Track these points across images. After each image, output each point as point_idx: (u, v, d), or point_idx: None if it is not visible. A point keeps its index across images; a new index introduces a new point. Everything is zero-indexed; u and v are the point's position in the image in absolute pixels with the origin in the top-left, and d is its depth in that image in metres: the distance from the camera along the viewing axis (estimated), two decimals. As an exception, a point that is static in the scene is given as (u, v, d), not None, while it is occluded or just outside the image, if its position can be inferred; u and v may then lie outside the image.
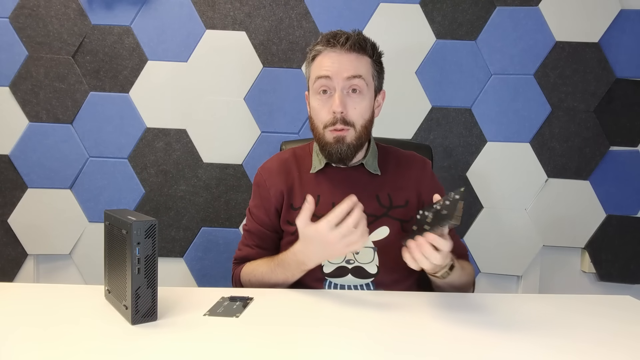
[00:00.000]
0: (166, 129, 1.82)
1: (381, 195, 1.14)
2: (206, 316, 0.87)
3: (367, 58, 1.11)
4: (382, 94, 1.19)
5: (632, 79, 1.79)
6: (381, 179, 1.16)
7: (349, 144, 1.10)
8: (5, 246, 1.83)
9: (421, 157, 1.23)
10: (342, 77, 1.08)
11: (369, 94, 1.12)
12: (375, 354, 0.73)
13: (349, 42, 1.08)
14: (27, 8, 1.76)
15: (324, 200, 1.14)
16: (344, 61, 1.08)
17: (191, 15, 1.79)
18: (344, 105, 1.08)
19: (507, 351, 0.75)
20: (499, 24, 1.79)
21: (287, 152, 1.26)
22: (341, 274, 1.11)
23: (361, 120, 1.10)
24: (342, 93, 1.08)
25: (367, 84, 1.10)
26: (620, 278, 1.85)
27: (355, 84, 1.08)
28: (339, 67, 1.08)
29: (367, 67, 1.11)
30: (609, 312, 0.94)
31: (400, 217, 1.13)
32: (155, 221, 0.82)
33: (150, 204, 1.83)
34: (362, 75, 1.09)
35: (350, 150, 1.10)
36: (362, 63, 1.10)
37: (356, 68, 1.08)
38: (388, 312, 0.90)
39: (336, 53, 1.09)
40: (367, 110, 1.11)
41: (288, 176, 1.19)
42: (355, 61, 1.09)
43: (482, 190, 1.84)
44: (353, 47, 1.09)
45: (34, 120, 1.80)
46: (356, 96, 1.09)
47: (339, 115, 1.08)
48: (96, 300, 0.94)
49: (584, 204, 1.83)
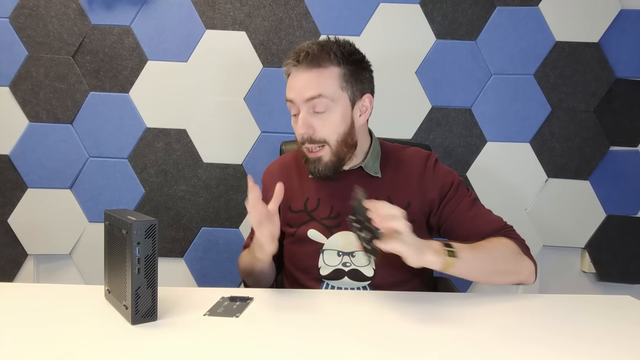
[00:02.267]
0: (166, 129, 1.82)
1: (380, 198, 1.10)
2: (206, 316, 0.87)
3: (333, 68, 1.06)
4: (366, 98, 1.12)
5: (632, 79, 1.79)
6: (381, 182, 1.14)
7: (326, 163, 1.09)
8: (5, 246, 1.83)
9: (426, 153, 1.19)
10: (302, 99, 1.05)
11: (339, 107, 1.07)
12: (376, 353, 0.73)
13: (308, 58, 1.05)
14: (27, 8, 1.76)
15: (323, 204, 1.14)
16: (303, 81, 1.05)
17: (191, 15, 1.79)
18: (307, 127, 1.06)
19: (507, 351, 0.75)
20: (499, 24, 1.79)
21: (289, 155, 1.27)
22: (338, 276, 1.11)
23: (334, 135, 1.07)
24: (306, 114, 1.06)
25: (333, 99, 1.06)
26: (620, 278, 1.85)
27: (315, 103, 1.05)
28: (298, 88, 1.06)
29: (331, 80, 1.06)
30: (609, 312, 0.94)
31: None
32: (155, 221, 0.82)
33: (150, 204, 1.83)
34: (322, 94, 1.04)
35: (328, 169, 1.09)
36: (325, 78, 1.05)
37: (315, 87, 1.04)
38: (387, 312, 0.90)
39: (299, 72, 1.06)
40: (339, 124, 1.07)
41: (288, 180, 1.19)
42: (315, 79, 1.05)
43: (482, 190, 1.84)
44: (312, 63, 1.05)
45: (34, 120, 1.80)
46: (322, 114, 1.06)
47: (305, 136, 1.07)
48: (96, 300, 0.94)
49: (584, 204, 1.83)
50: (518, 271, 1.03)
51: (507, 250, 1.03)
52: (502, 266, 1.01)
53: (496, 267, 1.00)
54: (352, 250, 1.10)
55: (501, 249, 1.02)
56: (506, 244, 1.04)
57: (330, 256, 1.12)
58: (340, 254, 1.11)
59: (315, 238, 1.12)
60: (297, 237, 1.15)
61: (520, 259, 1.04)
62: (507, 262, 1.01)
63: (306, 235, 1.13)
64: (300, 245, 1.14)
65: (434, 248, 0.92)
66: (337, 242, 1.11)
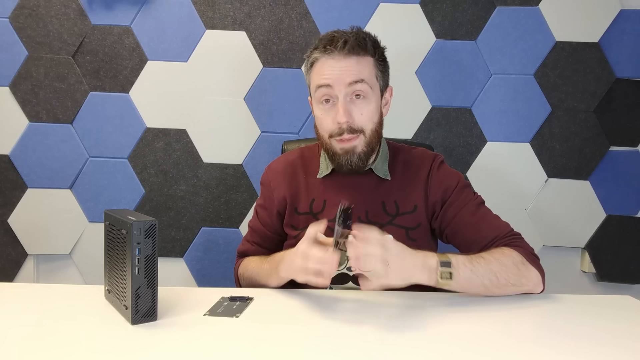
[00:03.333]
0: (166, 129, 1.82)
1: (387, 202, 1.10)
2: (206, 316, 0.87)
3: (369, 58, 1.06)
4: (389, 91, 1.14)
5: (632, 79, 1.79)
6: (389, 184, 1.12)
7: (360, 154, 1.06)
8: (5, 246, 1.83)
9: (432, 155, 1.17)
10: (344, 83, 1.03)
11: (375, 95, 1.07)
12: (376, 353, 0.73)
13: (347, 46, 1.03)
14: (27, 8, 1.76)
15: (330, 205, 1.12)
16: (344, 67, 1.03)
17: (191, 15, 1.79)
18: (348, 114, 1.03)
19: (507, 351, 0.75)
20: (499, 24, 1.79)
21: (294, 153, 1.23)
22: (342, 280, 1.09)
23: (370, 124, 1.06)
24: (345, 101, 1.03)
25: (372, 86, 1.05)
26: (620, 278, 1.85)
27: (358, 89, 1.03)
28: (339, 73, 1.03)
29: (369, 69, 1.06)
30: (609, 312, 0.94)
31: (406, 224, 1.09)
32: (155, 221, 0.82)
33: (150, 204, 1.83)
34: (364, 79, 1.03)
35: (362, 160, 1.07)
36: (364, 65, 1.05)
37: (358, 72, 1.03)
38: (388, 312, 0.90)
39: (334, 59, 1.03)
40: (375, 113, 1.07)
41: (293, 179, 1.17)
42: (355, 65, 1.03)
43: (482, 190, 1.81)
44: (352, 50, 1.03)
45: (34, 120, 1.80)
46: (361, 101, 1.05)
47: (344, 125, 1.04)
48: (96, 300, 0.94)
49: (584, 204, 1.83)
50: (521, 283, 0.97)
51: (509, 262, 0.97)
52: (502, 279, 0.95)
53: (495, 280, 0.94)
54: None
55: (502, 261, 0.96)
56: (508, 255, 0.98)
57: None
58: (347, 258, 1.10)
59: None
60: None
61: (524, 270, 0.97)
62: (508, 275, 0.96)
63: None
64: None
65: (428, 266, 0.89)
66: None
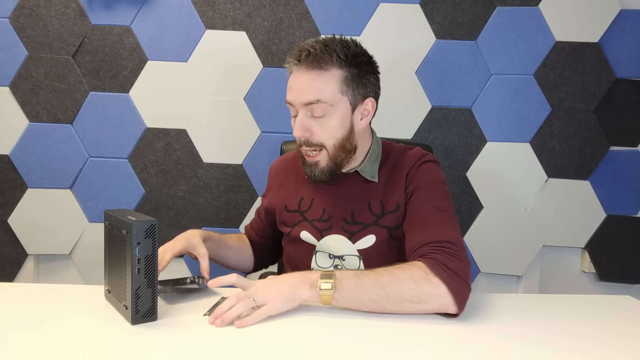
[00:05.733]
0: (166, 129, 1.82)
1: (373, 202, 1.10)
2: (206, 316, 0.87)
3: (335, 71, 1.01)
4: (369, 102, 1.07)
5: (632, 79, 1.79)
6: (375, 185, 1.11)
7: (322, 169, 1.06)
8: (5, 246, 1.83)
9: (420, 154, 1.12)
10: (301, 102, 1.02)
11: (338, 111, 1.03)
12: (375, 353, 0.73)
13: (309, 58, 1.00)
14: (27, 8, 1.76)
15: (316, 205, 1.13)
16: (303, 84, 1.01)
17: (191, 15, 1.79)
18: (304, 130, 1.03)
19: (507, 351, 0.75)
20: (499, 24, 1.79)
21: (291, 154, 1.27)
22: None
23: (332, 140, 1.03)
24: (304, 116, 1.03)
25: (332, 103, 1.01)
26: (620, 278, 1.85)
27: (313, 109, 1.01)
28: (297, 91, 1.02)
29: (331, 84, 1.01)
30: (609, 312, 0.94)
31: (389, 224, 1.08)
32: (155, 221, 0.82)
33: (150, 204, 1.83)
34: (320, 100, 1.00)
35: (324, 175, 1.06)
36: (325, 81, 1.01)
37: (314, 92, 1.00)
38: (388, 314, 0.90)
39: (299, 72, 1.02)
40: (337, 128, 1.03)
41: (286, 178, 1.21)
42: (314, 82, 1.00)
43: (482, 190, 1.84)
44: (313, 64, 1.00)
45: (34, 120, 1.80)
46: (320, 118, 1.03)
47: (302, 139, 1.04)
48: (96, 300, 0.94)
49: (584, 204, 1.83)
50: (420, 300, 0.86)
51: (404, 276, 0.87)
52: (393, 294, 0.86)
53: (385, 295, 0.86)
54: (342, 254, 1.10)
55: (395, 275, 0.88)
56: (407, 269, 0.88)
57: (322, 258, 1.11)
58: (331, 256, 1.11)
59: (308, 240, 1.12)
60: (292, 238, 1.15)
61: (424, 286, 0.86)
62: (401, 290, 0.86)
63: (299, 236, 1.13)
64: (295, 245, 1.15)
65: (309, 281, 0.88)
66: (328, 244, 1.10)
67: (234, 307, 0.84)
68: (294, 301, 0.88)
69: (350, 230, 1.09)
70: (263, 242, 1.28)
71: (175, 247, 1.04)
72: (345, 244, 1.09)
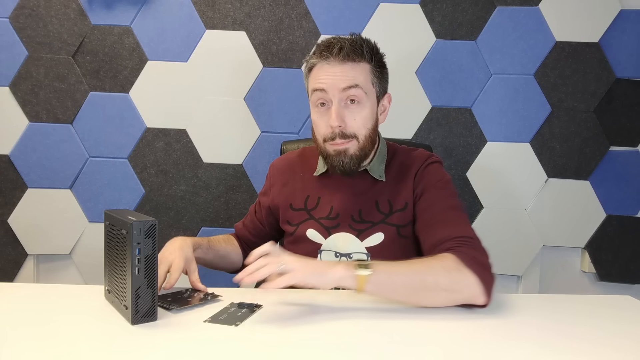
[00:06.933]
0: (166, 129, 1.82)
1: (380, 201, 1.11)
2: (206, 323, 0.84)
3: (365, 64, 1.07)
4: (387, 98, 1.15)
5: (632, 79, 1.79)
6: (383, 184, 1.13)
7: (351, 156, 1.07)
8: (5, 246, 1.83)
9: (426, 155, 1.16)
10: (338, 89, 1.04)
11: (370, 101, 1.08)
12: (375, 351, 0.73)
13: (342, 52, 1.04)
14: (27, 8, 1.76)
15: (323, 203, 1.14)
16: (339, 72, 1.04)
17: (191, 15, 1.79)
18: (341, 119, 1.05)
19: (507, 351, 0.75)
20: (499, 24, 1.79)
21: (294, 153, 1.27)
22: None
23: (363, 130, 1.07)
24: (339, 105, 1.05)
25: (366, 92, 1.06)
26: (620, 278, 1.85)
27: (352, 94, 1.05)
28: (333, 79, 1.04)
29: (364, 75, 1.07)
30: (609, 312, 0.94)
31: (397, 222, 1.10)
32: (155, 221, 0.82)
33: (150, 204, 1.83)
34: (358, 85, 1.05)
35: (353, 162, 1.07)
36: (359, 71, 1.06)
37: (352, 78, 1.04)
38: (387, 314, 0.90)
39: (330, 65, 1.05)
40: (368, 119, 1.08)
41: (290, 177, 1.21)
42: (350, 71, 1.05)
43: (482, 190, 1.84)
44: (347, 57, 1.05)
45: (34, 120, 1.80)
46: (355, 107, 1.06)
47: (337, 130, 1.05)
48: (96, 300, 0.94)
49: (584, 204, 1.83)
50: (453, 289, 0.89)
51: (437, 265, 0.90)
52: (429, 282, 0.88)
53: (421, 282, 0.88)
54: (349, 252, 1.10)
55: (429, 264, 0.90)
56: (441, 258, 0.91)
57: (328, 257, 1.11)
58: (337, 255, 1.11)
59: (314, 238, 1.12)
60: (297, 236, 1.15)
61: (457, 275, 0.89)
62: (436, 278, 0.88)
63: (305, 234, 1.13)
64: (299, 244, 1.14)
65: (344, 263, 0.88)
66: (334, 243, 1.11)
67: (263, 267, 0.84)
68: (325, 277, 0.85)
69: (359, 228, 1.10)
70: (256, 241, 1.25)
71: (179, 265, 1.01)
72: (353, 241, 1.10)
